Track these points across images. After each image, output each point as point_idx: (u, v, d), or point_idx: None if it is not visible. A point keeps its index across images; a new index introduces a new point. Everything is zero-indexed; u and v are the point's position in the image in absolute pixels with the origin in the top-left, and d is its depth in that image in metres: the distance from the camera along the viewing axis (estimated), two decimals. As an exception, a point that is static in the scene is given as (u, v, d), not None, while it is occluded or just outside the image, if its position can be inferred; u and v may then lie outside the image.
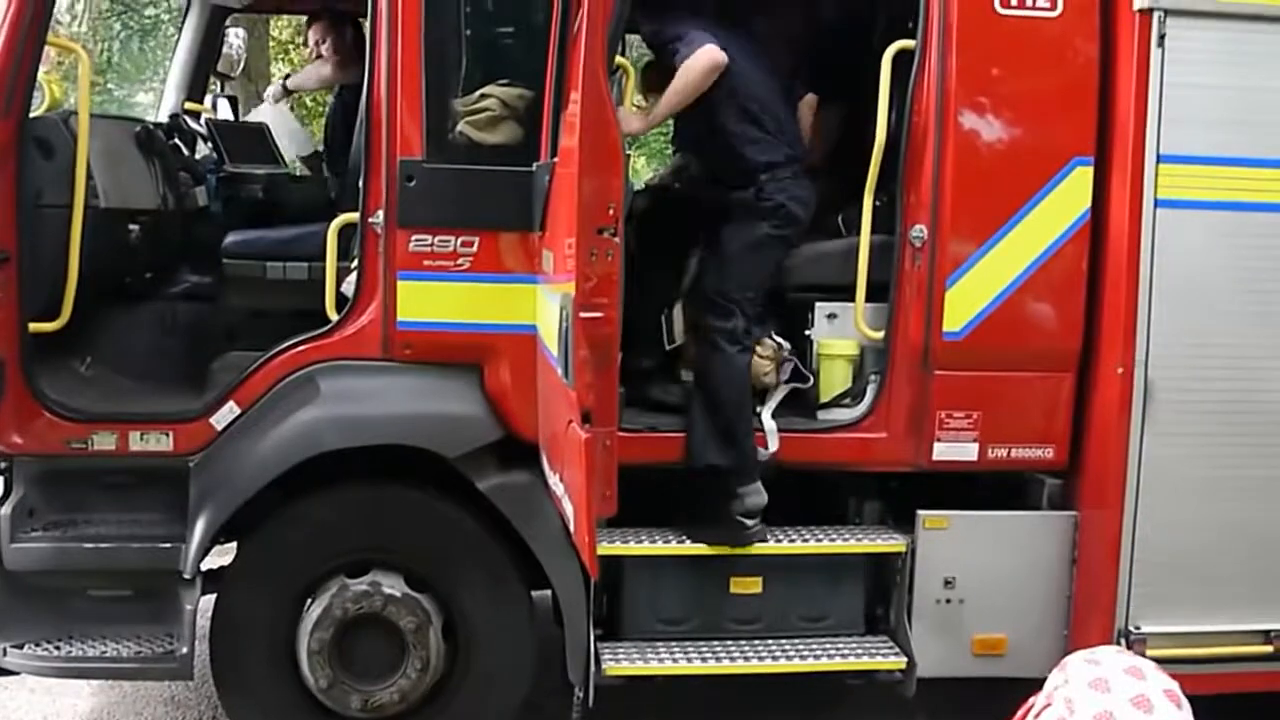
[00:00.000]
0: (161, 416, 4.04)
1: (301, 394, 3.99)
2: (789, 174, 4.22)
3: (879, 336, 4.20)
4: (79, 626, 4.01)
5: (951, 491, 4.25)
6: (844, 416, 4.25)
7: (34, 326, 3.91)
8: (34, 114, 3.93)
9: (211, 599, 4.07)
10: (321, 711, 4.06)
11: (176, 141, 5.10)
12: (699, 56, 3.96)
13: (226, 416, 4.02)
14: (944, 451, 4.16)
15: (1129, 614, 4.06)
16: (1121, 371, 4.04)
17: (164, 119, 5.37)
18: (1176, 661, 3.44)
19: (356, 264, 4.05)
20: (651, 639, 4.14)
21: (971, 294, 4.10)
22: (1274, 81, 4.04)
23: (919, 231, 4.09)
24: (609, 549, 3.97)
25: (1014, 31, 4.05)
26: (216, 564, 4.18)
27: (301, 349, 4.04)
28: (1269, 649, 4.12)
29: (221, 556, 4.19)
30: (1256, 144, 4.06)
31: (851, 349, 4.28)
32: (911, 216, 4.11)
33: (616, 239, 3.28)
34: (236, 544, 4.16)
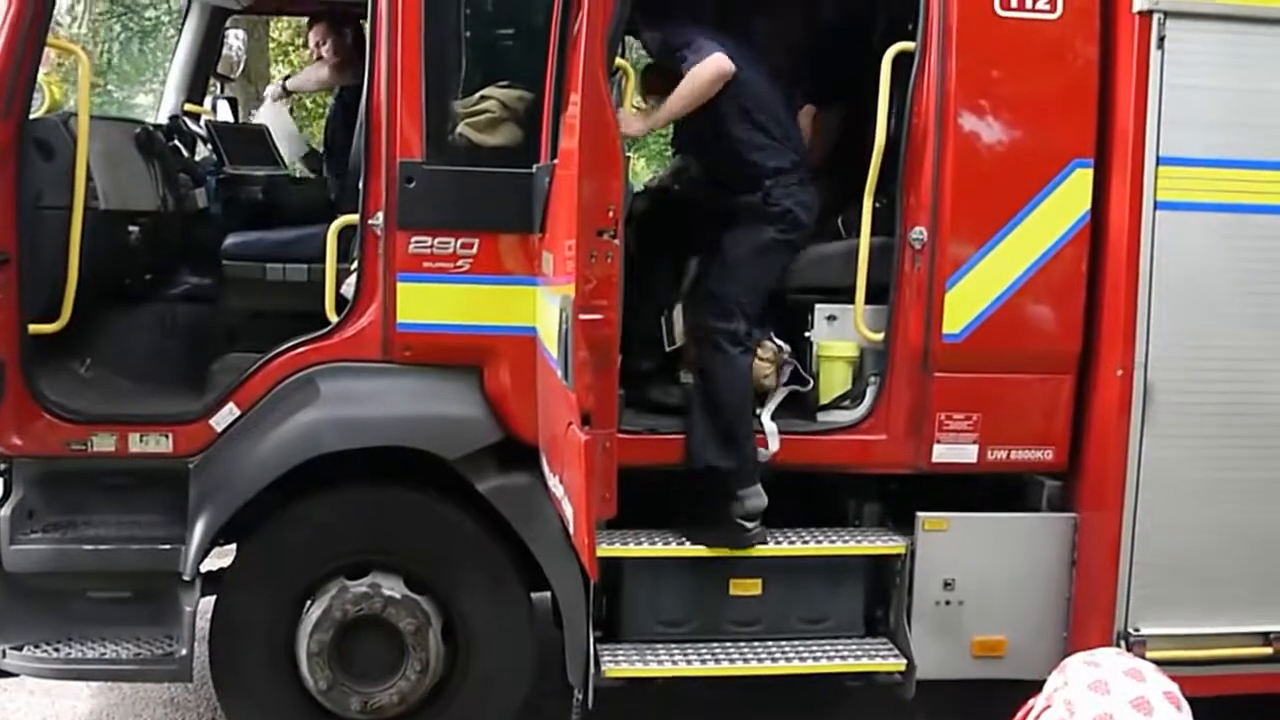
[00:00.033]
0: (161, 418, 4.04)
1: (301, 396, 3.99)
2: (795, 179, 4.22)
3: (879, 338, 4.20)
4: (78, 628, 4.01)
5: (951, 493, 4.24)
6: (844, 418, 4.25)
7: (34, 328, 3.91)
8: (34, 115, 3.93)
9: (211, 601, 4.07)
10: (321, 713, 4.06)
11: (176, 143, 5.11)
12: (707, 64, 3.96)
13: (226, 418, 4.02)
14: (943, 453, 4.16)
15: (1128, 616, 4.06)
16: (1121, 373, 4.04)
17: (164, 120, 5.37)
18: (1176, 663, 3.44)
19: (356, 266, 4.05)
20: (651, 641, 4.14)
21: (971, 296, 4.10)
22: (1274, 83, 4.04)
23: (919, 233, 4.09)
24: (608, 551, 3.97)
25: (1014, 33, 4.04)
26: (216, 566, 4.17)
27: (301, 351, 4.04)
28: (1269, 651, 4.12)
29: (221, 558, 4.19)
30: (1256, 146, 4.06)
31: (851, 351, 4.27)
32: (911, 218, 4.11)
33: (616, 241, 3.27)
34: (236, 546, 4.15)
